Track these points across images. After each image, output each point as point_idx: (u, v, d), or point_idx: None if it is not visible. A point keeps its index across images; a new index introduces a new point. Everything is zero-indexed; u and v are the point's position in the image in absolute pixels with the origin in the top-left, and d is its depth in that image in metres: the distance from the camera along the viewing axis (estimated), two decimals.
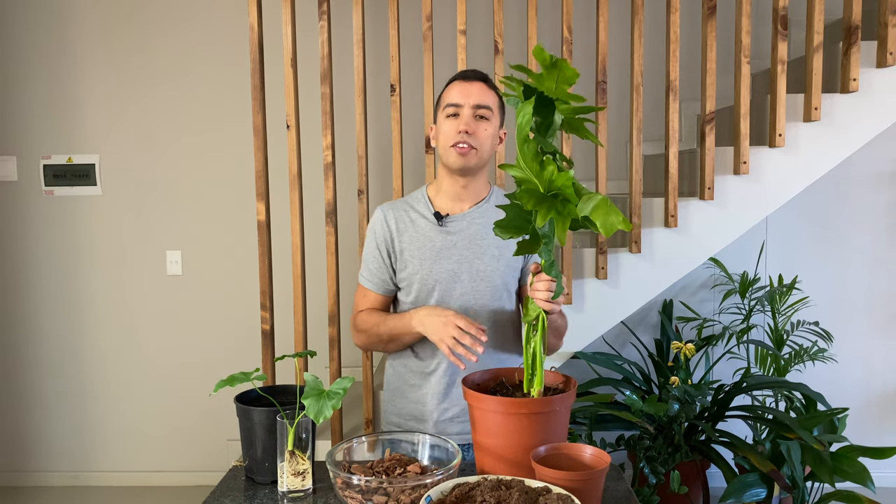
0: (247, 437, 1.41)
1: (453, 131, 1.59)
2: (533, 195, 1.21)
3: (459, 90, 1.61)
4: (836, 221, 3.23)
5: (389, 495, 1.16)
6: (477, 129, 1.59)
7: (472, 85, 1.61)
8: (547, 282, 1.33)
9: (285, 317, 2.84)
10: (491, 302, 1.65)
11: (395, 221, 1.67)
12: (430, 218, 1.66)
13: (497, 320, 1.66)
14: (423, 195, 1.71)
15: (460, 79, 1.64)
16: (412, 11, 3.03)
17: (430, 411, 1.67)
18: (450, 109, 1.61)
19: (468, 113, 1.59)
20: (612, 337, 3.21)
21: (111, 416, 3.43)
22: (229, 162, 3.28)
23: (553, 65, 1.16)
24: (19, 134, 3.32)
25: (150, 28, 3.26)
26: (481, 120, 1.60)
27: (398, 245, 1.66)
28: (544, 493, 1.09)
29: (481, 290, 1.64)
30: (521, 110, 1.21)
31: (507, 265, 1.66)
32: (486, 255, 1.64)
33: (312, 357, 1.55)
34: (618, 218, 1.14)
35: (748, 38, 2.44)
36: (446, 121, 1.61)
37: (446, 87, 1.66)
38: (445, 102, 1.63)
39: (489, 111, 1.60)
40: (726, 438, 2.48)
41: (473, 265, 1.64)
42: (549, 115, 1.23)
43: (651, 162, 2.97)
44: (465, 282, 1.63)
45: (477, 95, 1.60)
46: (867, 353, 3.27)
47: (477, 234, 1.65)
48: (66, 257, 3.37)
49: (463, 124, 1.58)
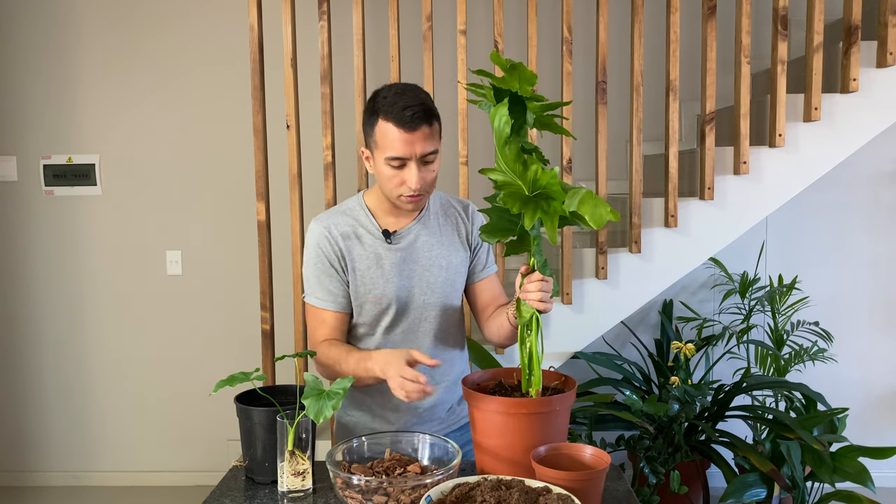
0: (247, 437, 1.41)
1: (401, 183, 1.47)
2: (517, 198, 1.21)
3: (402, 142, 1.42)
4: (836, 221, 3.22)
5: (389, 495, 1.16)
6: (425, 174, 1.47)
7: (415, 134, 1.43)
8: (539, 282, 1.32)
9: (285, 317, 2.84)
10: (442, 310, 1.62)
11: (342, 237, 1.56)
12: (378, 234, 1.57)
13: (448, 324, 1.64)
14: (363, 209, 1.59)
15: (399, 126, 1.42)
16: (412, 11, 3.03)
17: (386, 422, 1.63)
18: (394, 162, 1.45)
19: (415, 166, 1.45)
20: (612, 337, 3.21)
21: (111, 416, 3.43)
22: (229, 162, 3.28)
23: (512, 67, 1.18)
24: (19, 134, 3.32)
25: (150, 28, 3.25)
26: (428, 164, 1.47)
27: (348, 262, 1.56)
28: (544, 493, 1.09)
29: (433, 302, 1.60)
30: (496, 113, 1.20)
31: (455, 272, 1.63)
32: (434, 266, 1.60)
33: (312, 357, 1.55)
34: (605, 209, 1.14)
35: (748, 38, 2.44)
36: (389, 168, 1.46)
37: (381, 123, 1.45)
38: (387, 152, 1.45)
39: (434, 153, 1.47)
40: (726, 438, 2.48)
41: (424, 279, 1.59)
42: (521, 115, 1.23)
43: (651, 162, 2.97)
44: (417, 296, 1.59)
45: (422, 144, 1.44)
46: (867, 353, 3.27)
47: (424, 247, 1.59)
48: (66, 257, 3.37)
49: (415, 182, 1.45)
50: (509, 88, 1.21)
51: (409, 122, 1.42)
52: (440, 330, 1.63)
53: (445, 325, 1.64)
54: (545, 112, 1.25)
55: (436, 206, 1.65)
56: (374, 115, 1.47)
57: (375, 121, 1.47)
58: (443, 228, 1.63)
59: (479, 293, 1.69)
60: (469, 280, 1.69)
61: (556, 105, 1.24)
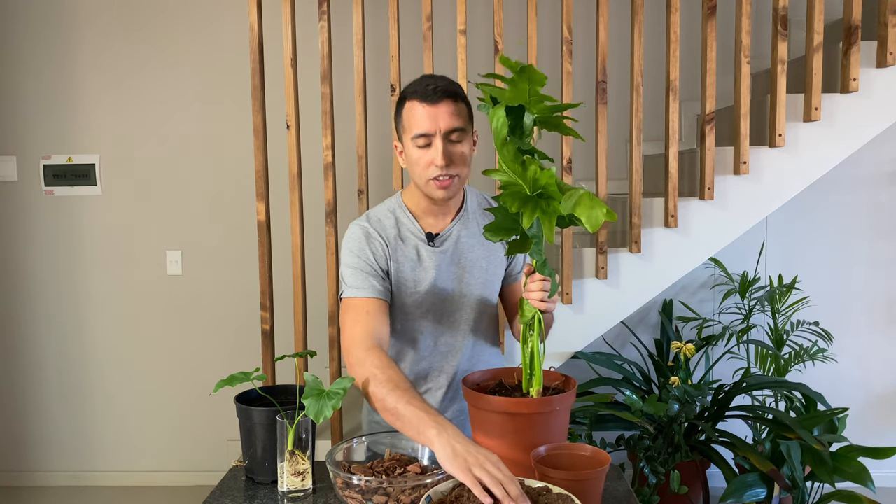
0: (247, 437, 1.41)
1: (429, 163, 1.44)
2: (517, 197, 1.22)
3: (427, 116, 1.42)
4: (837, 221, 3.22)
5: (389, 495, 1.16)
6: (453, 156, 1.44)
7: (438, 108, 1.42)
8: (540, 282, 1.33)
9: (285, 317, 2.84)
10: (479, 307, 1.64)
11: (389, 239, 1.55)
12: (421, 237, 1.57)
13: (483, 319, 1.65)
14: (404, 212, 1.58)
15: (423, 101, 1.43)
16: (412, 11, 3.03)
17: None
18: (420, 140, 1.44)
19: (441, 143, 1.42)
20: (612, 337, 3.21)
21: (111, 416, 3.43)
22: (229, 162, 3.28)
23: (522, 70, 1.18)
24: (19, 134, 3.32)
25: (150, 28, 3.26)
26: (456, 144, 1.45)
27: (392, 263, 1.54)
28: (544, 493, 1.09)
29: (472, 303, 1.61)
30: (494, 114, 1.22)
31: (494, 273, 1.64)
32: (475, 267, 1.61)
33: (312, 357, 1.55)
34: (602, 210, 1.14)
35: (748, 38, 2.44)
36: (417, 150, 1.46)
37: (407, 104, 1.46)
38: (413, 131, 1.44)
39: (461, 131, 1.45)
40: (726, 438, 2.48)
41: (464, 280, 1.60)
42: (519, 118, 1.24)
43: (651, 162, 2.97)
44: (456, 298, 1.60)
45: (446, 119, 1.42)
46: (867, 353, 3.27)
47: (464, 248, 1.60)
48: (66, 257, 3.37)
49: (440, 158, 1.42)
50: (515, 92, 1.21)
51: (431, 96, 1.42)
52: (476, 329, 1.64)
53: (482, 324, 1.65)
54: (553, 113, 1.25)
55: (474, 205, 1.65)
56: (401, 101, 1.49)
57: (403, 105, 1.48)
58: (482, 227, 1.64)
59: (514, 292, 1.71)
60: (507, 281, 1.70)
61: (564, 107, 1.24)
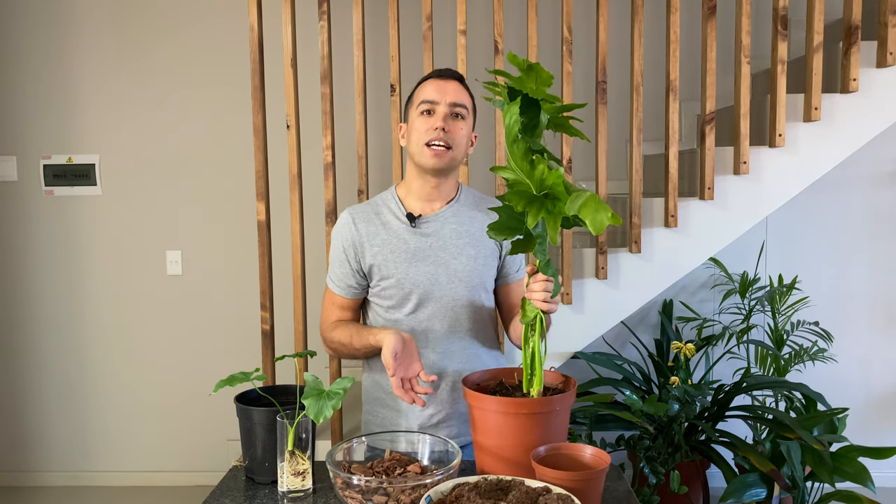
0: (247, 437, 1.41)
1: (428, 128, 1.55)
2: (523, 196, 1.22)
3: (435, 87, 1.57)
4: (836, 221, 3.23)
5: (389, 495, 1.16)
6: (453, 128, 1.56)
7: (448, 83, 1.58)
8: (543, 282, 1.33)
9: (285, 317, 2.84)
10: (469, 301, 1.63)
11: (365, 224, 1.62)
12: (403, 219, 1.62)
13: (476, 318, 1.65)
14: (392, 196, 1.67)
15: (435, 77, 1.60)
16: (412, 11, 3.03)
17: (414, 418, 1.64)
18: (424, 106, 1.57)
19: (444, 111, 1.56)
20: (612, 337, 3.21)
21: (111, 416, 3.43)
22: (229, 162, 3.28)
23: (529, 68, 1.18)
24: (19, 134, 3.32)
25: (150, 28, 3.26)
26: (457, 119, 1.57)
27: (368, 249, 1.61)
28: (544, 493, 1.09)
29: (459, 292, 1.61)
30: (508, 111, 1.21)
31: (483, 264, 1.64)
32: (462, 255, 1.61)
33: (312, 357, 1.55)
34: (606, 214, 1.13)
35: (748, 38, 2.44)
36: (420, 118, 1.57)
37: (419, 85, 1.62)
38: (419, 99, 1.58)
39: (465, 110, 1.58)
40: (726, 438, 2.48)
41: (450, 266, 1.61)
42: (535, 115, 1.24)
43: (651, 162, 2.97)
44: (443, 283, 1.60)
45: (453, 93, 1.57)
46: (867, 353, 3.27)
47: (452, 234, 1.62)
48: (66, 257, 3.37)
49: (440, 121, 1.54)
50: (523, 90, 1.21)
51: (443, 74, 1.60)
52: (472, 327, 1.64)
53: (478, 321, 1.65)
54: (560, 114, 1.25)
55: (468, 200, 1.67)
56: (414, 89, 1.64)
57: (415, 89, 1.63)
58: (474, 221, 1.65)
59: (508, 294, 1.71)
60: (500, 282, 1.71)
61: (570, 107, 1.24)
